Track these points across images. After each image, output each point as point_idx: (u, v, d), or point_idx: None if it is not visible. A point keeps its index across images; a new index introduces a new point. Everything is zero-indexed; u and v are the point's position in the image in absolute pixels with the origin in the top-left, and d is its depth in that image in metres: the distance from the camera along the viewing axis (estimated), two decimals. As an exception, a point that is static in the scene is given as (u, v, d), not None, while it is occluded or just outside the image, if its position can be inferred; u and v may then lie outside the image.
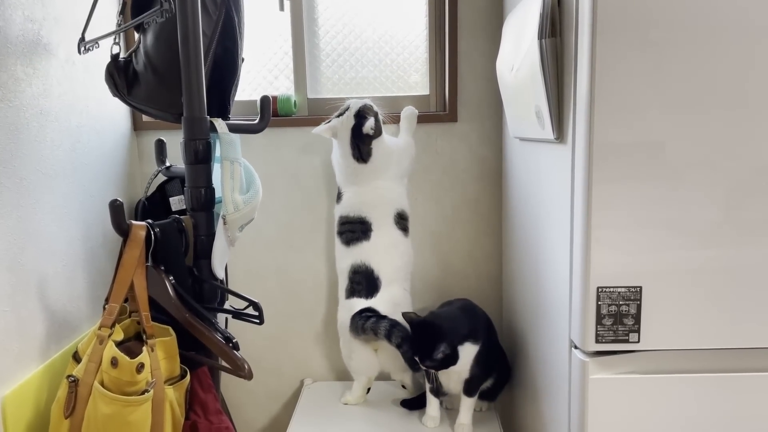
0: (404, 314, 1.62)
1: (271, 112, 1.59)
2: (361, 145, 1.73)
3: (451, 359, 1.56)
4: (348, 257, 1.79)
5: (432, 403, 1.72)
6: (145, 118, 1.96)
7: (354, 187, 1.79)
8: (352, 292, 1.77)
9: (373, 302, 1.73)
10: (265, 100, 1.55)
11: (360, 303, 1.73)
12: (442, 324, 1.59)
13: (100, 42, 1.47)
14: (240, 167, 1.45)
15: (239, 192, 1.45)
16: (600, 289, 1.14)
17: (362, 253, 1.76)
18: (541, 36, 1.20)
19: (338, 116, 1.77)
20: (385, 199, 1.79)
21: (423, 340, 1.58)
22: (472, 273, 2.04)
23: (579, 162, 1.14)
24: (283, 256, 2.04)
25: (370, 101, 1.77)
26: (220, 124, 1.45)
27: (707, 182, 1.10)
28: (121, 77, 1.49)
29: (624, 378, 1.17)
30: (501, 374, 1.75)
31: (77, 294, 1.58)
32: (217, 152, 1.48)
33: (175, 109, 1.46)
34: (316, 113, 2.03)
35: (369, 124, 1.70)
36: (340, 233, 1.81)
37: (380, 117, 1.76)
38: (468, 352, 1.59)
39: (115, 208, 1.31)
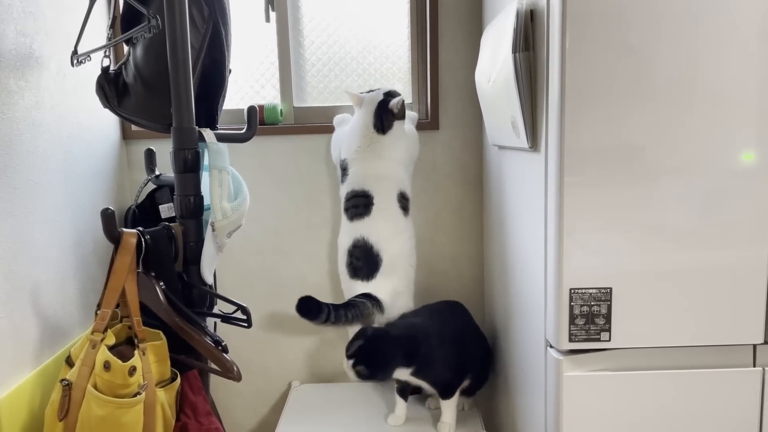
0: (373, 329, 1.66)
1: (258, 121, 1.63)
2: (384, 118, 1.83)
3: (368, 377, 1.61)
4: (350, 233, 1.83)
5: (399, 403, 1.78)
6: (134, 127, 2.00)
7: (361, 162, 1.85)
8: (354, 272, 1.81)
9: (373, 286, 1.77)
10: (251, 110, 1.60)
11: (360, 287, 1.78)
12: (379, 350, 1.62)
13: (92, 55, 1.51)
14: (228, 176, 1.50)
15: (227, 200, 1.50)
16: (572, 291, 1.20)
17: (364, 227, 1.81)
18: (515, 50, 1.26)
19: (368, 92, 1.88)
20: (390, 176, 1.84)
21: (367, 350, 1.62)
22: (455, 275, 2.10)
23: (551, 169, 1.20)
24: (271, 260, 2.09)
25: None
26: (208, 134, 1.50)
27: (673, 187, 1.16)
28: (112, 89, 1.53)
29: (596, 375, 1.22)
30: (479, 374, 1.81)
31: (69, 300, 1.61)
32: (206, 161, 1.53)
33: (165, 120, 1.51)
34: (302, 122, 2.08)
35: (396, 102, 1.81)
36: (346, 209, 1.86)
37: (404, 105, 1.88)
38: (402, 373, 1.64)
39: (107, 216, 1.35)
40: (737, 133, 1.14)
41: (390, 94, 1.85)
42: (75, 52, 1.54)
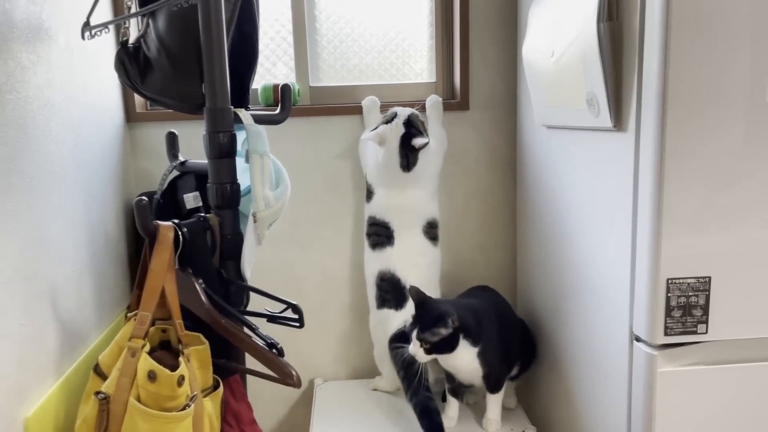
0: (411, 287, 1.54)
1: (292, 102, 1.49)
2: (410, 154, 1.69)
3: (446, 346, 1.49)
4: (375, 263, 1.76)
5: (451, 403, 1.68)
6: (138, 109, 1.83)
7: (386, 189, 1.75)
8: (382, 302, 1.75)
9: (405, 314, 1.69)
10: (285, 88, 1.47)
11: (391, 315, 1.72)
12: (451, 310, 1.50)
13: (110, 27, 1.34)
14: (269, 161, 1.36)
15: (269, 188, 1.36)
16: (670, 281, 1.11)
17: (388, 259, 1.73)
18: (600, 20, 1.15)
19: (386, 123, 1.71)
20: (414, 208, 1.75)
21: (427, 317, 1.50)
22: (484, 262, 2.00)
23: (647, 150, 1.10)
24: (289, 251, 1.95)
25: (416, 111, 1.74)
26: (245, 114, 1.36)
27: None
28: (133, 65, 1.37)
29: (692, 370, 1.14)
30: (526, 360, 1.73)
31: (84, 301, 1.45)
32: (238, 145, 1.38)
33: (194, 100, 1.36)
34: (319, 102, 1.95)
35: (421, 141, 1.66)
36: (368, 235, 1.79)
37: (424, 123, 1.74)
38: (466, 354, 1.52)
39: (141, 207, 1.20)
40: None
41: (411, 124, 1.69)
42: (87, 23, 1.37)
